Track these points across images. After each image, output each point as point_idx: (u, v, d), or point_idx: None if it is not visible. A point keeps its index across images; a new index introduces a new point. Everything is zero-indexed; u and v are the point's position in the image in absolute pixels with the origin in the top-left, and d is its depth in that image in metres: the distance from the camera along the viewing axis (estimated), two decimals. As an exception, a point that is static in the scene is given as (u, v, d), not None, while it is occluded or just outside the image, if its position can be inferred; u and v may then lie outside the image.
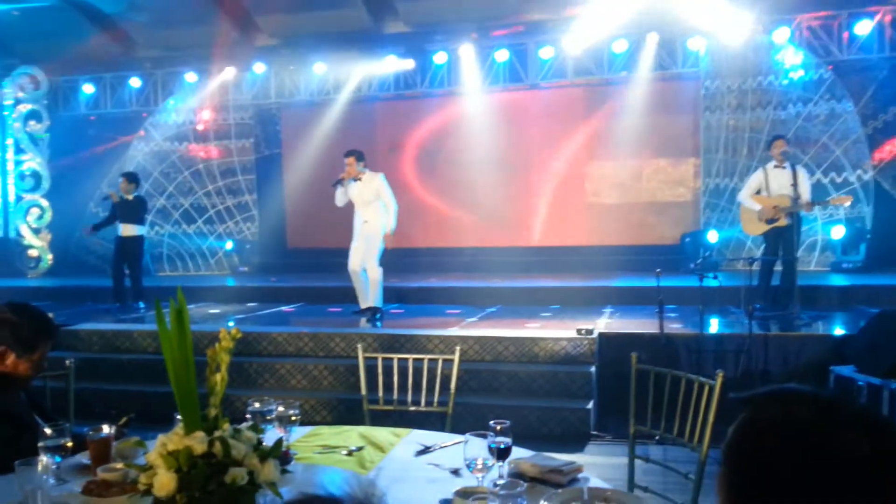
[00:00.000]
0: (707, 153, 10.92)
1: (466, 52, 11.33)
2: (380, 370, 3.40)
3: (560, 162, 11.84)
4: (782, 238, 6.93)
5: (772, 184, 6.97)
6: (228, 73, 12.48)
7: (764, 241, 7.28)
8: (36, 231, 13.09)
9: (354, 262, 7.43)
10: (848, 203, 7.27)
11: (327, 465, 2.25)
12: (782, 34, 10.13)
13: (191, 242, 13.11)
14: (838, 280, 8.81)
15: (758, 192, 7.08)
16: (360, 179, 7.35)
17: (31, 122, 13.08)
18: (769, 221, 6.92)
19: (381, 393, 3.43)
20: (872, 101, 10.21)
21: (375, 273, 7.40)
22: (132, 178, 9.11)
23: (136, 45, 12.58)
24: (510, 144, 11.75)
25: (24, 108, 13.03)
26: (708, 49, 10.57)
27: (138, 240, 8.93)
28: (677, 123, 11.32)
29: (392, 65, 11.70)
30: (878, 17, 9.85)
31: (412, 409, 3.41)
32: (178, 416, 1.64)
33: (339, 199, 7.45)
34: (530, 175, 11.90)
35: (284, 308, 9.02)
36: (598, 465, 4.45)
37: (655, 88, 11.10)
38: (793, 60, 10.37)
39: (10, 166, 13.17)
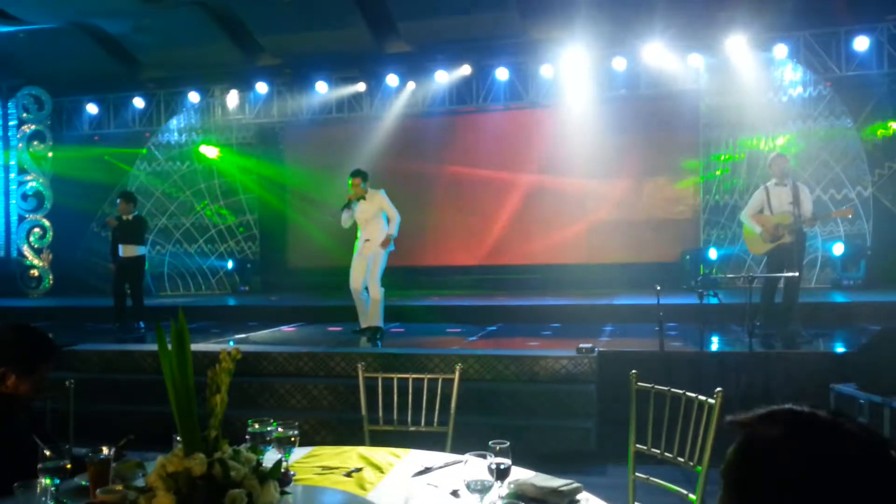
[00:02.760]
0: (707, 170, 10.96)
1: (467, 71, 11.42)
2: (380, 390, 3.39)
3: (560, 179, 11.88)
4: (786, 256, 6.90)
5: (773, 202, 6.96)
6: (231, 93, 12.58)
7: (767, 259, 7.24)
8: (37, 251, 13.11)
9: (356, 281, 7.45)
10: (850, 215, 7.23)
11: (326, 487, 2.24)
12: (781, 51, 10.21)
13: (192, 262, 13.13)
14: (839, 297, 8.80)
15: (760, 211, 7.07)
16: (364, 199, 7.42)
17: (35, 142, 13.15)
18: (773, 240, 6.91)
19: (381, 413, 3.42)
20: (871, 117, 10.26)
21: (377, 292, 7.41)
22: (129, 198, 9.11)
23: (140, 65, 12.68)
24: (511, 162, 11.81)
25: (28, 128, 13.12)
26: (707, 66, 10.66)
27: (139, 260, 8.91)
28: (677, 141, 11.38)
29: (394, 84, 11.78)
30: (876, 34, 9.92)
31: (412, 428, 3.40)
32: (178, 438, 1.65)
33: (346, 220, 7.50)
34: (530, 193, 11.93)
35: (284, 328, 9.01)
36: (598, 484, 4.42)
37: (655, 106, 11.17)
38: (792, 77, 10.43)
39: (13, 186, 13.22)
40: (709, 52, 10.49)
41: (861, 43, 9.96)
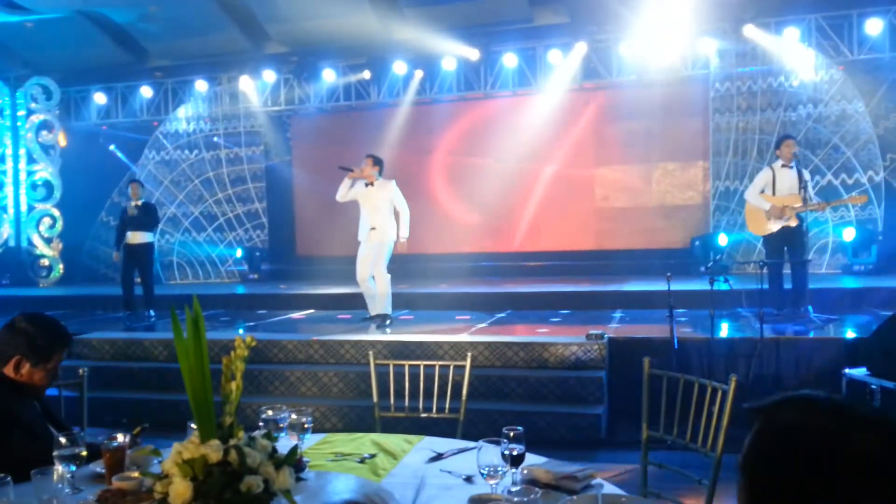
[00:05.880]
0: (716, 156, 10.90)
1: (475, 57, 11.34)
2: (391, 377, 3.40)
3: (569, 166, 11.85)
4: (789, 239, 6.87)
5: (779, 184, 6.92)
6: (239, 81, 12.56)
7: (767, 242, 7.16)
8: (47, 240, 13.18)
9: (363, 272, 7.38)
10: (863, 202, 7.17)
11: (340, 473, 2.25)
12: (792, 34, 10.11)
13: (201, 250, 13.17)
14: (850, 282, 8.76)
15: (762, 192, 7.01)
16: (372, 185, 7.32)
17: (44, 132, 13.19)
18: (778, 221, 6.86)
19: (392, 400, 3.43)
20: (884, 101, 10.17)
21: (384, 280, 7.37)
22: (140, 184, 9.20)
23: (148, 54, 12.68)
24: (519, 149, 11.76)
25: (37, 118, 13.14)
26: (718, 51, 10.57)
27: (148, 247, 8.94)
28: (686, 126, 11.31)
29: (401, 71, 11.73)
30: (889, 16, 9.81)
31: (423, 415, 3.41)
32: (192, 425, 1.65)
33: (341, 192, 7.35)
34: (539, 179, 11.91)
35: (294, 315, 9.04)
36: (609, 471, 4.43)
37: (664, 91, 11.09)
38: (803, 61, 10.33)
39: (23, 176, 13.28)
40: (719, 36, 10.40)
41: (874, 26, 9.84)
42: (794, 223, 6.80)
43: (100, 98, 13.21)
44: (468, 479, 2.16)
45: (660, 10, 9.96)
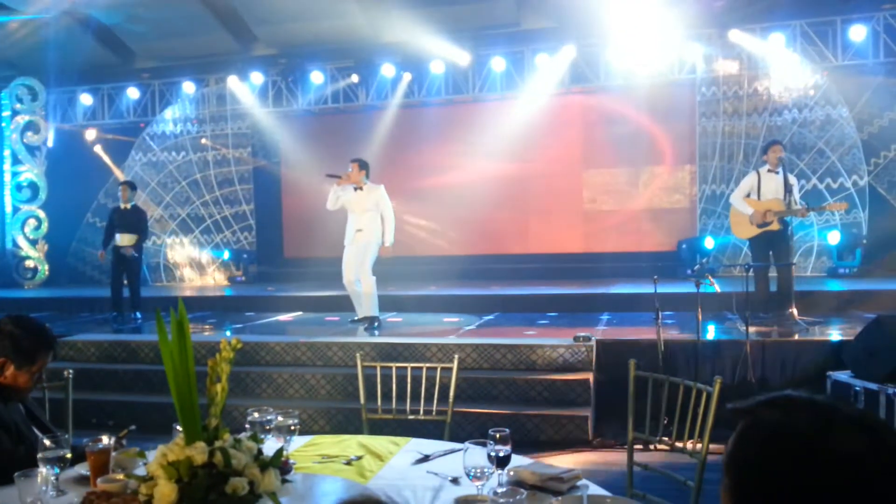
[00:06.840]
0: (703, 160, 10.97)
1: (463, 60, 11.36)
2: (378, 379, 3.39)
3: (557, 169, 11.88)
4: (774, 243, 6.92)
5: (763, 188, 6.97)
6: (226, 82, 12.51)
7: (752, 245, 7.22)
8: (33, 242, 13.07)
9: (349, 274, 7.39)
10: (843, 209, 7.26)
11: (327, 475, 2.25)
12: (777, 40, 10.19)
13: (188, 252, 13.10)
14: (835, 285, 8.83)
15: (748, 196, 7.07)
16: (360, 189, 7.33)
17: (29, 133, 13.09)
18: (760, 225, 6.92)
19: (379, 402, 3.42)
20: (867, 107, 10.27)
21: (369, 282, 7.38)
22: (131, 187, 9.14)
23: (134, 55, 12.62)
24: (507, 152, 11.78)
25: (22, 118, 13.04)
26: (704, 55, 10.65)
27: (136, 250, 8.90)
28: (673, 130, 11.38)
29: (389, 74, 11.73)
30: (872, 23, 9.92)
31: (411, 417, 3.41)
32: (178, 427, 1.65)
33: (331, 201, 7.37)
34: (527, 182, 11.94)
35: (281, 317, 9.01)
36: (596, 472, 4.45)
37: (652, 95, 11.15)
38: (788, 66, 10.42)
39: (8, 177, 13.17)
40: (705, 42, 10.48)
41: (857, 32, 9.94)
42: (776, 227, 6.85)
43: (86, 99, 13.13)
44: (455, 481, 2.17)
45: (647, 15, 10.01)
